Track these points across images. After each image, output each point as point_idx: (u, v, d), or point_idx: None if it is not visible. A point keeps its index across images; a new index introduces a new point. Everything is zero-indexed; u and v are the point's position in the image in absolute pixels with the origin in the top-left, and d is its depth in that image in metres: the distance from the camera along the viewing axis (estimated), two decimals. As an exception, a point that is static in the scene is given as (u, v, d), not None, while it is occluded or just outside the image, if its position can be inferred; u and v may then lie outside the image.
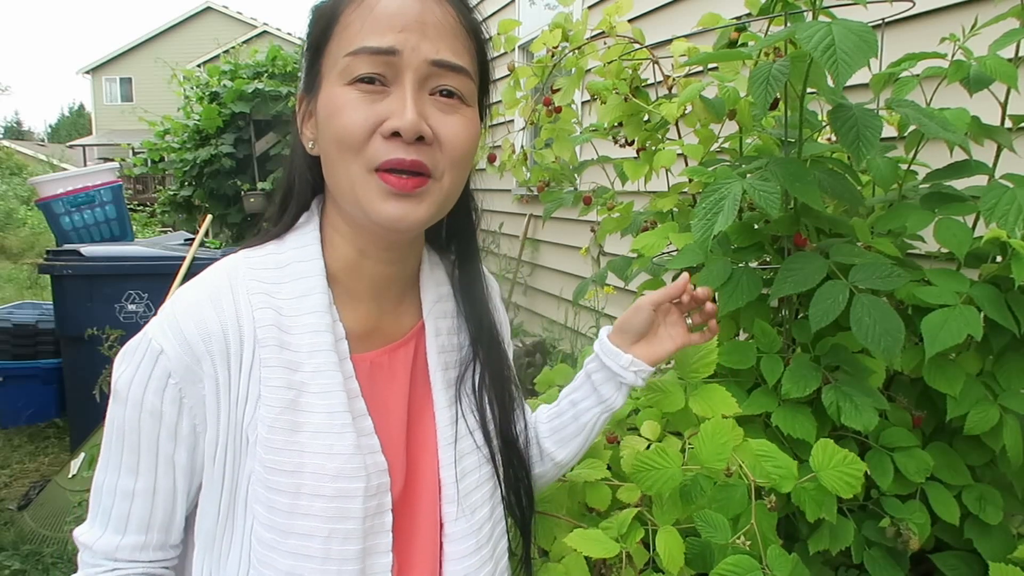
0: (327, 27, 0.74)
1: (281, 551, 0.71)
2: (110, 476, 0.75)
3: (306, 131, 0.79)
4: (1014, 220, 1.01)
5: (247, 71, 8.43)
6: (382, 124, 0.70)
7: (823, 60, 0.87)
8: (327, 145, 0.73)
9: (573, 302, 2.15)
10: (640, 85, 1.57)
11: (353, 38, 0.70)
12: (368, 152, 0.70)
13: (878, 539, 1.15)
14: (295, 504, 0.71)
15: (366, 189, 0.71)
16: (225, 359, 0.72)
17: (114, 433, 0.75)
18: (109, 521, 0.76)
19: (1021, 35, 1.12)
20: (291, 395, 0.72)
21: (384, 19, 0.70)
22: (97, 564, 0.76)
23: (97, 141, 24.55)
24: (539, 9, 4.90)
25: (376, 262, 0.80)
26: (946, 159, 1.26)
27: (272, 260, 0.77)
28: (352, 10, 0.72)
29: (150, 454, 0.74)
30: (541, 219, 3.01)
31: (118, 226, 4.63)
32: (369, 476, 0.74)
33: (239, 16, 26.02)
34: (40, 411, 3.85)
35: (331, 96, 0.71)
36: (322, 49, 0.74)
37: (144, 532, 0.76)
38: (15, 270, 8.82)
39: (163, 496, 0.75)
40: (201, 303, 0.73)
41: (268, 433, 0.71)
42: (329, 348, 0.74)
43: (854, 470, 0.96)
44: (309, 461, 0.72)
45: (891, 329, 1.02)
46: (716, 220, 1.01)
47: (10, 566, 2.47)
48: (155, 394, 0.72)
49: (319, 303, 0.75)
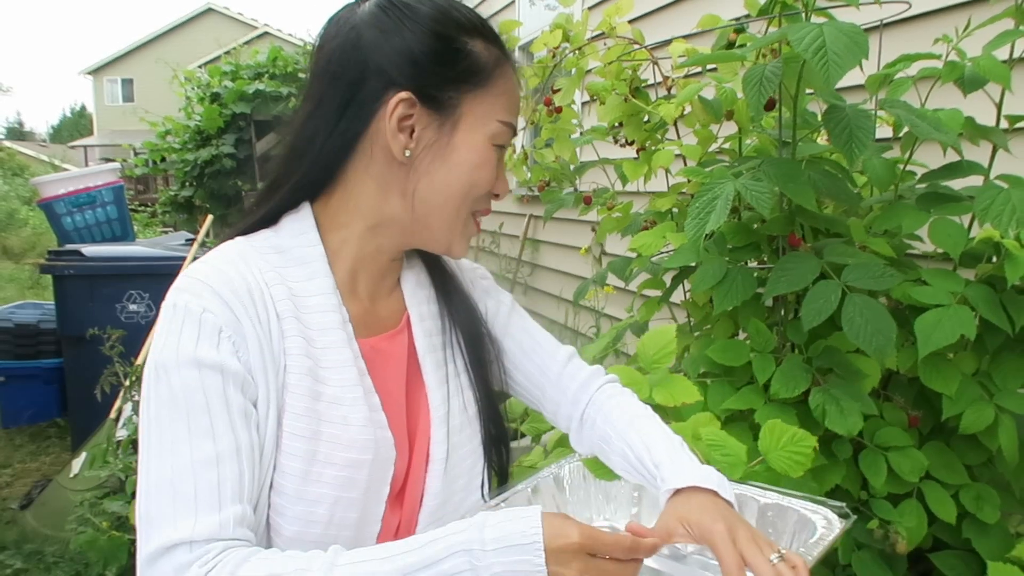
0: (482, 76, 0.79)
1: (288, 516, 0.73)
2: (180, 455, 0.66)
3: (403, 137, 0.77)
4: (1008, 220, 1.02)
5: (248, 72, 8.45)
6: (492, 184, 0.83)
7: (814, 61, 0.88)
8: (456, 183, 0.80)
9: (573, 302, 2.16)
10: (640, 85, 1.58)
11: (504, 108, 0.81)
12: (479, 201, 0.83)
13: (868, 541, 1.15)
14: (308, 470, 0.73)
15: (465, 228, 0.83)
16: (257, 320, 0.72)
17: (168, 409, 0.67)
18: (197, 503, 0.64)
19: (1016, 36, 1.12)
20: (310, 363, 0.75)
21: (517, 105, 0.83)
22: (204, 552, 0.63)
23: (98, 142, 24.55)
24: (539, 10, 4.91)
25: (389, 258, 0.85)
26: (943, 159, 1.27)
27: (272, 244, 0.80)
28: (505, 82, 0.81)
29: (222, 410, 0.68)
30: (541, 219, 3.02)
31: (119, 226, 4.64)
32: (378, 448, 0.77)
33: (240, 17, 26.05)
34: (41, 411, 3.86)
35: (481, 148, 0.80)
36: (468, 89, 0.78)
37: (241, 500, 0.67)
38: (17, 270, 8.83)
39: (248, 455, 0.68)
40: (222, 268, 0.73)
41: (291, 399, 0.73)
42: (338, 327, 0.78)
43: (803, 447, 0.95)
44: (325, 429, 0.74)
45: (883, 329, 1.02)
46: (708, 220, 1.02)
47: (12, 565, 2.48)
48: (210, 348, 0.68)
49: (325, 286, 0.79)
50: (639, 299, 1.69)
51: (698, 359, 1.30)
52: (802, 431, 0.96)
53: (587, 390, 0.95)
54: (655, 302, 1.54)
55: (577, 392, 0.95)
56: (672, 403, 1.02)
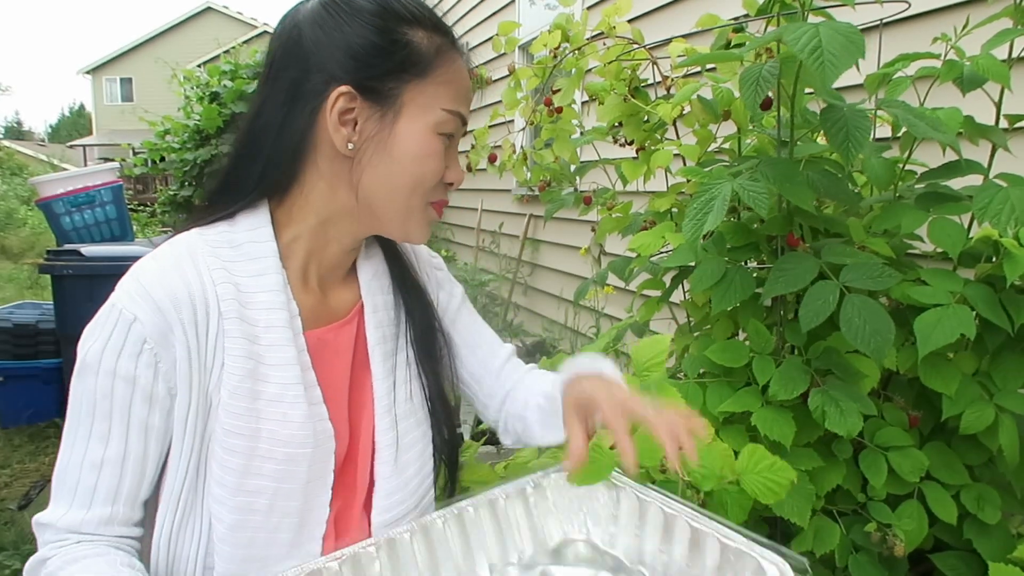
0: (423, 65, 0.79)
1: (229, 506, 0.77)
2: (76, 451, 0.76)
3: (344, 130, 0.79)
4: (1007, 219, 1.02)
5: (247, 71, 8.42)
6: (445, 172, 0.83)
7: (810, 62, 0.87)
8: (401, 175, 0.80)
9: (574, 302, 2.16)
10: (639, 85, 1.58)
11: (449, 97, 0.80)
12: (432, 191, 0.83)
13: (866, 544, 1.15)
14: (248, 465, 0.77)
15: (421, 217, 0.84)
16: (194, 326, 0.76)
17: (82, 406, 0.76)
18: (74, 497, 0.75)
19: (1015, 35, 1.12)
20: (251, 365, 0.78)
21: (466, 94, 0.83)
22: (61, 539, 0.75)
23: (97, 141, 24.56)
24: (539, 9, 4.91)
25: (343, 249, 0.87)
26: (942, 159, 1.27)
27: (226, 239, 0.81)
28: (450, 69, 0.81)
29: (122, 420, 0.75)
30: (541, 219, 3.02)
31: (118, 226, 4.63)
32: (317, 442, 0.80)
33: (239, 16, 26.04)
34: (40, 411, 3.85)
35: (424, 138, 0.80)
36: (408, 79, 0.78)
37: (111, 503, 0.76)
38: (15, 270, 8.82)
39: (133, 462, 0.76)
40: (167, 271, 0.76)
41: (230, 399, 0.77)
42: (284, 325, 0.80)
43: (780, 477, 0.96)
44: (264, 427, 0.78)
45: (881, 329, 1.02)
46: (706, 220, 1.02)
47: (11, 566, 2.47)
48: (130, 359, 0.74)
49: (274, 283, 0.81)
50: (639, 299, 1.69)
51: (698, 359, 1.29)
52: (782, 462, 0.97)
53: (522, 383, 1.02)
54: (655, 302, 1.54)
55: (514, 386, 1.02)
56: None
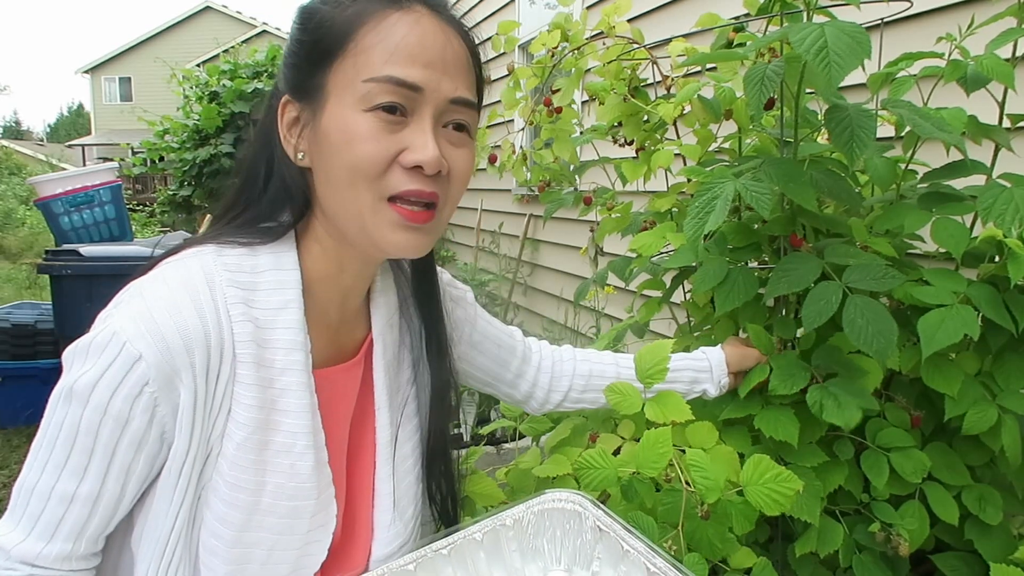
0: (338, 42, 0.71)
1: (224, 558, 0.72)
2: (47, 478, 0.69)
3: (293, 140, 0.76)
4: (1011, 219, 1.01)
5: (246, 71, 8.42)
6: (401, 154, 0.70)
7: (816, 62, 0.87)
8: (336, 169, 0.71)
9: (574, 303, 2.16)
10: (639, 85, 1.57)
11: (375, 65, 0.69)
12: (384, 181, 0.70)
13: (870, 544, 1.15)
14: (248, 520, 0.73)
15: (377, 217, 0.71)
16: (204, 371, 0.69)
17: (61, 433, 0.69)
18: (35, 526, 0.69)
19: (1018, 34, 1.12)
20: (262, 415, 0.72)
21: (408, 51, 0.69)
22: (11, 568, 0.69)
23: (96, 141, 24.53)
24: (539, 9, 4.90)
25: (351, 276, 0.81)
26: (945, 159, 1.26)
27: (248, 263, 0.75)
28: (372, 33, 0.70)
29: (103, 460, 0.69)
30: (541, 219, 3.01)
31: (117, 226, 4.61)
32: (320, 493, 0.76)
33: (238, 16, 26.02)
34: (39, 411, 3.80)
35: (347, 121, 0.69)
36: (329, 64, 0.71)
37: (73, 541, 0.70)
38: (14, 270, 8.81)
39: (105, 504, 0.70)
40: (181, 307, 0.69)
41: (236, 451, 0.71)
42: (301, 368, 0.75)
43: (785, 488, 0.94)
44: (270, 480, 0.73)
45: (884, 330, 1.01)
46: (707, 220, 1.01)
47: (9, 566, 2.47)
48: (125, 400, 0.68)
49: (295, 320, 0.75)
50: (639, 299, 1.68)
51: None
52: (788, 472, 0.95)
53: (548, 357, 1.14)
54: (655, 302, 1.54)
55: (541, 362, 1.12)
56: (662, 420, 1.01)
